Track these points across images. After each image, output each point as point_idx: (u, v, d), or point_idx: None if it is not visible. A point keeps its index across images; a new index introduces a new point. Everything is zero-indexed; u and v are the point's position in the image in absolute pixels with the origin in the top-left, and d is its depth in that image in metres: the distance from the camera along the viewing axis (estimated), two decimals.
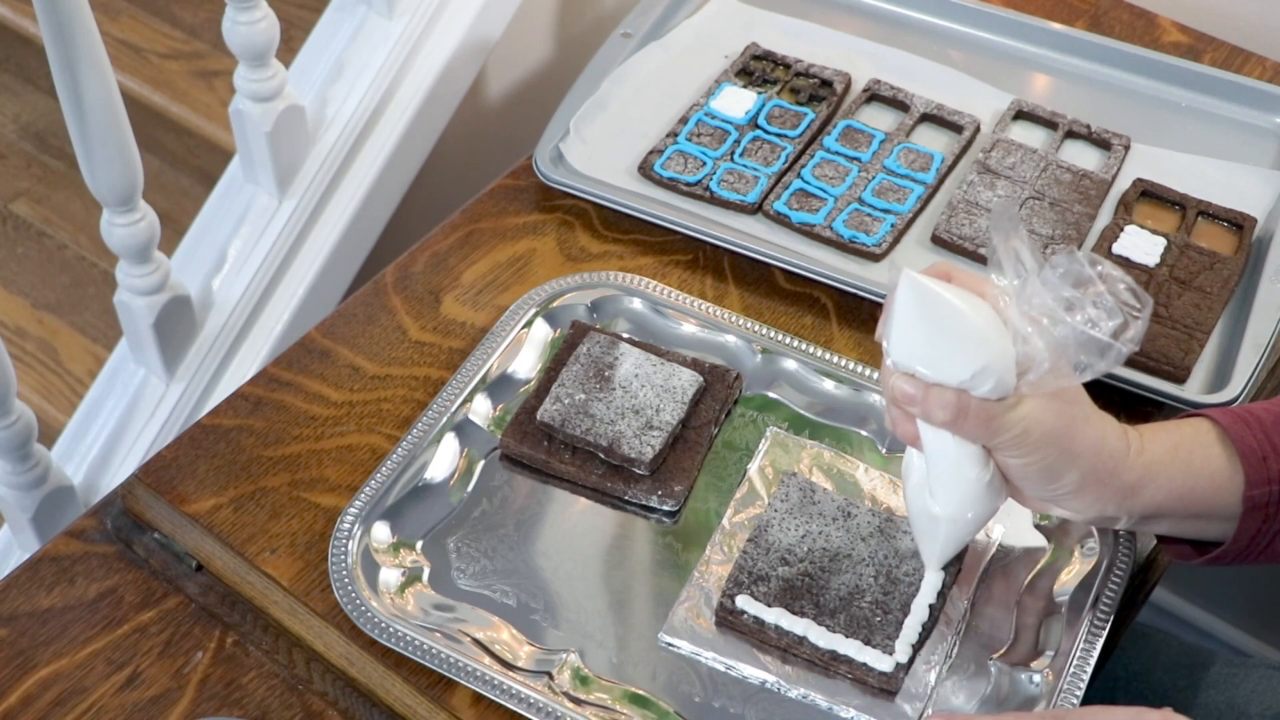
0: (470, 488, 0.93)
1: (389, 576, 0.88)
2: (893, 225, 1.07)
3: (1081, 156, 1.14)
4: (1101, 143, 1.14)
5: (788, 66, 1.20)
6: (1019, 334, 0.73)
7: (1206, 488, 0.79)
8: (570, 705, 0.82)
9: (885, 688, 0.83)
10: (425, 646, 0.84)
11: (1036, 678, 0.83)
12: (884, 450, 0.95)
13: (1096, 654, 0.84)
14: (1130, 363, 0.98)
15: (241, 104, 1.40)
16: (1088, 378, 0.73)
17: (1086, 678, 0.83)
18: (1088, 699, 0.83)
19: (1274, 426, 0.80)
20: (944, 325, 0.74)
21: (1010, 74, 1.21)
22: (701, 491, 0.93)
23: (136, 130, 1.25)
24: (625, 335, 1.00)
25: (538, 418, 0.94)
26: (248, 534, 0.91)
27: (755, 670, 0.84)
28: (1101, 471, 0.77)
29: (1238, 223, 1.08)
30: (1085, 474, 0.76)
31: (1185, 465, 0.79)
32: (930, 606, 0.85)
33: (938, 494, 0.80)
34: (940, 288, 0.74)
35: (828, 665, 0.84)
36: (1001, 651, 0.85)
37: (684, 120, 1.15)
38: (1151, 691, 1.05)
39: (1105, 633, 0.85)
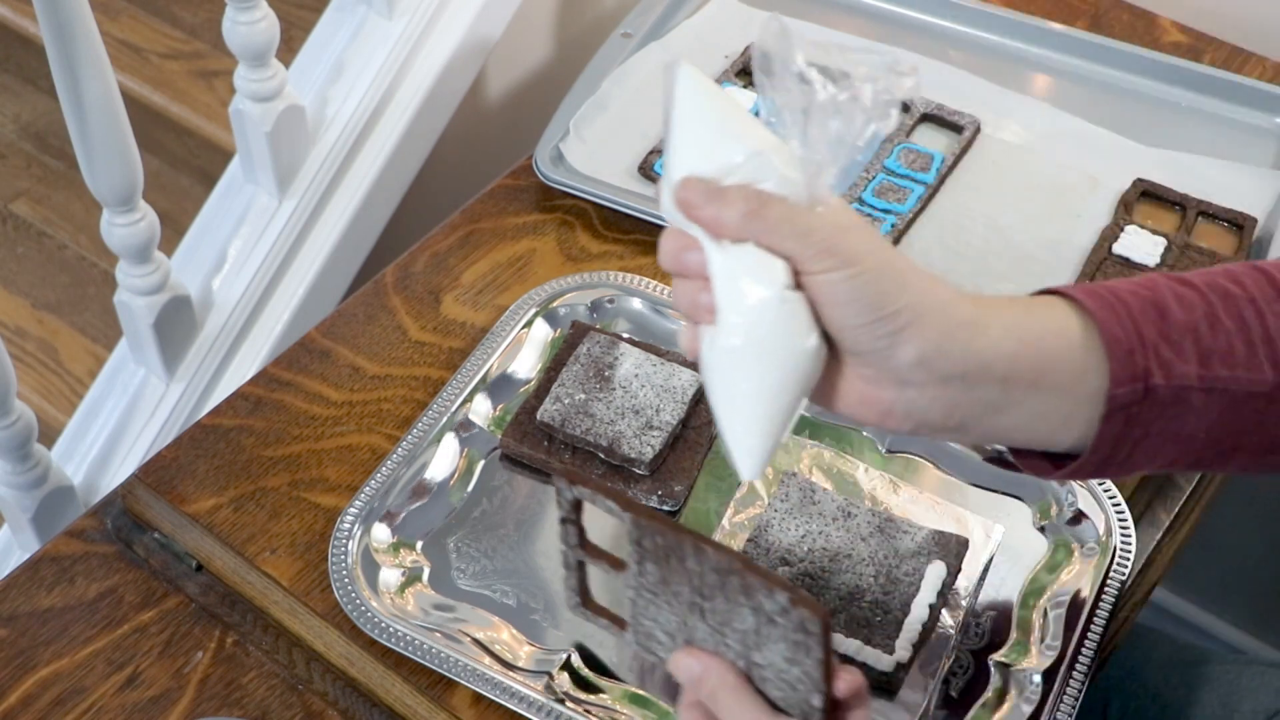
0: (470, 488, 0.93)
1: (389, 576, 0.88)
2: (893, 225, 1.07)
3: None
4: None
5: None
6: (793, 137, 0.64)
7: (1057, 344, 0.66)
8: (570, 705, 0.82)
9: (885, 687, 0.83)
10: (425, 646, 0.84)
11: (1036, 677, 0.83)
12: (884, 450, 0.95)
13: (1096, 654, 0.84)
14: None
15: (241, 104, 1.40)
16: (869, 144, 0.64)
17: (1086, 678, 0.83)
18: (1086, 698, 0.83)
19: (1142, 312, 0.68)
20: (725, 117, 0.64)
21: (1010, 74, 1.21)
22: (701, 491, 0.93)
23: (136, 130, 1.25)
24: (625, 335, 1.00)
25: (538, 418, 0.94)
26: (248, 534, 0.91)
27: None
28: (935, 298, 0.64)
29: (1238, 223, 1.08)
30: (920, 296, 0.64)
31: (1027, 313, 0.67)
32: (930, 606, 0.85)
33: (731, 327, 0.65)
34: (715, 86, 0.66)
35: None
36: (1001, 651, 0.85)
37: None
38: (1144, 690, 1.05)
39: (1104, 633, 0.85)
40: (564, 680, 0.83)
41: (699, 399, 0.95)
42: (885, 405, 0.66)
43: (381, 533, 0.90)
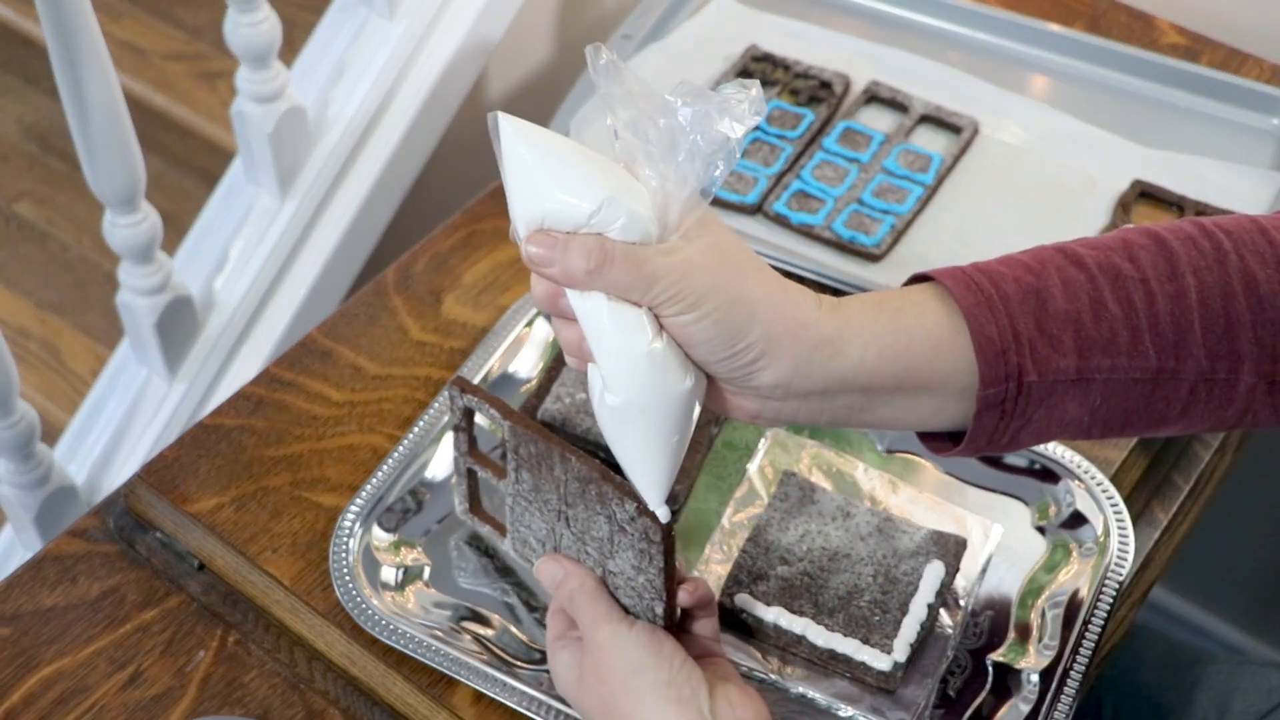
0: None
1: (390, 575, 0.88)
2: (892, 226, 1.08)
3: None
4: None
5: (787, 68, 1.20)
6: (642, 168, 0.64)
7: (923, 350, 0.67)
8: None
9: (883, 687, 0.83)
10: (426, 645, 0.84)
11: (1034, 677, 0.83)
12: (883, 449, 0.96)
13: (1093, 653, 0.84)
14: None
15: (243, 105, 1.41)
16: (720, 180, 0.64)
17: (1083, 677, 0.83)
18: (1083, 698, 0.83)
19: (1021, 303, 0.67)
20: (560, 162, 0.64)
21: (1009, 75, 1.21)
22: (701, 491, 0.93)
23: (139, 131, 1.25)
24: None
25: (538, 416, 0.94)
26: (249, 533, 0.91)
27: (754, 669, 0.84)
28: (790, 323, 0.65)
29: None
30: (771, 326, 0.65)
31: (894, 322, 0.67)
32: (929, 606, 0.85)
33: (609, 382, 0.66)
34: (544, 130, 0.66)
35: (826, 664, 0.84)
36: (999, 651, 0.85)
37: None
38: (1136, 691, 1.06)
39: (1102, 633, 0.85)
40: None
41: None
42: (753, 412, 0.68)
43: (382, 532, 0.90)
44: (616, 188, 0.64)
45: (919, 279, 0.70)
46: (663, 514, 0.69)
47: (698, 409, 0.68)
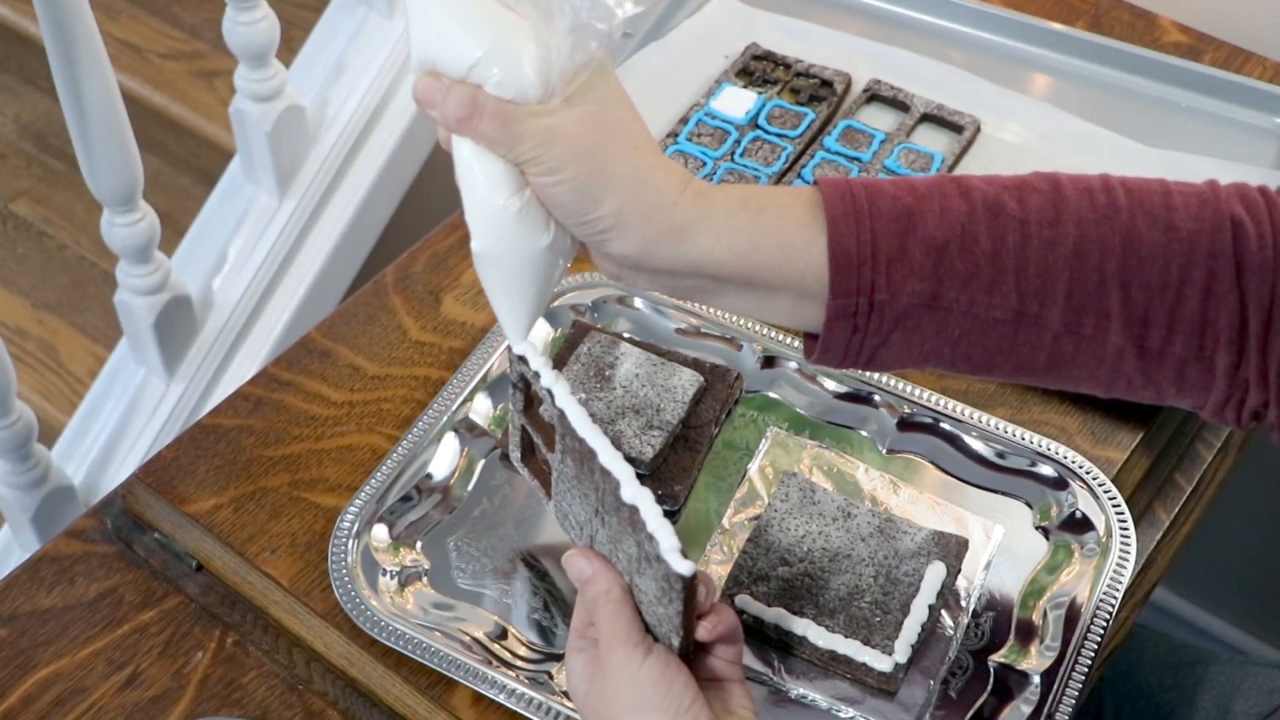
0: (470, 487, 0.93)
1: (389, 576, 0.88)
2: None
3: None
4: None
5: (788, 67, 1.20)
6: (530, 21, 0.67)
7: (773, 255, 0.69)
8: (570, 705, 0.82)
9: (885, 688, 0.83)
10: (425, 646, 0.84)
11: (1036, 678, 0.83)
12: (884, 450, 0.95)
13: (1095, 654, 0.84)
14: None
15: (242, 104, 1.41)
16: (596, 54, 0.66)
17: (1085, 678, 0.83)
18: (1085, 699, 0.83)
19: (891, 222, 0.68)
20: (456, 10, 0.67)
21: (1010, 74, 1.21)
22: (701, 491, 0.93)
23: (136, 130, 1.25)
24: (626, 335, 1.00)
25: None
26: (248, 534, 0.91)
27: (755, 670, 0.84)
28: (643, 204, 0.67)
29: None
30: (624, 203, 0.67)
31: (751, 221, 0.69)
32: (930, 607, 0.85)
33: (471, 228, 0.70)
34: None
35: (827, 665, 0.84)
36: (1001, 652, 0.85)
37: (684, 120, 1.15)
38: (1138, 691, 1.05)
39: (1104, 634, 0.85)
40: (564, 679, 0.83)
41: (699, 398, 0.95)
42: (612, 274, 0.72)
43: (381, 532, 0.90)
44: (504, 43, 0.66)
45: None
46: (680, 562, 0.67)
47: (563, 264, 0.72)
